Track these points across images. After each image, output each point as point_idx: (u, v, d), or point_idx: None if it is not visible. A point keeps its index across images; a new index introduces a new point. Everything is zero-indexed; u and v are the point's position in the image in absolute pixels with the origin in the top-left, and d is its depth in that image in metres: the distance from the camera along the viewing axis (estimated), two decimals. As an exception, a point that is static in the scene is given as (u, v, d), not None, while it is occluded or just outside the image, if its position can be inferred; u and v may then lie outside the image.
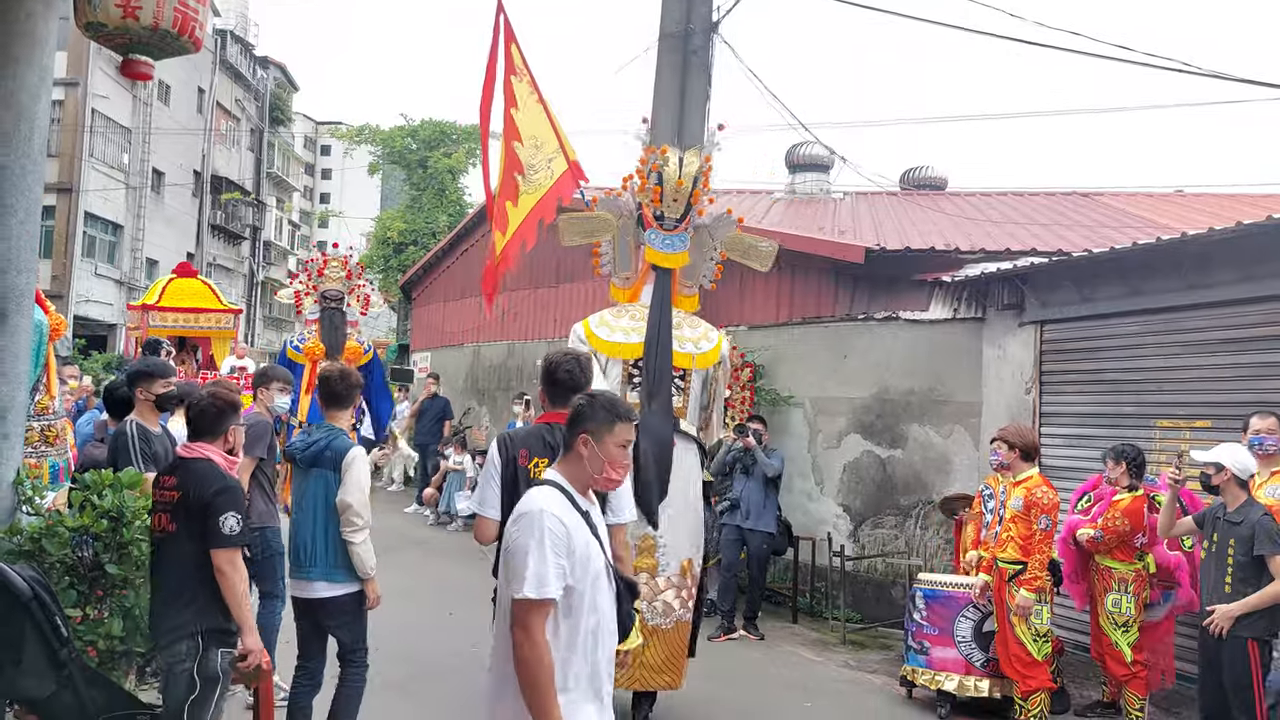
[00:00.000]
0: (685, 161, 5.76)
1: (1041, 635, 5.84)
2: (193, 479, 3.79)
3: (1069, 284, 7.78)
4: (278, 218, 48.05)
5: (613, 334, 5.66)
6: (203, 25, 3.61)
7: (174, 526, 3.77)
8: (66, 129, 27.38)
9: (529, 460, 3.70)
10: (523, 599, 2.65)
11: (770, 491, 8.45)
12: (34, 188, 4.65)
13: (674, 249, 5.73)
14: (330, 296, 10.53)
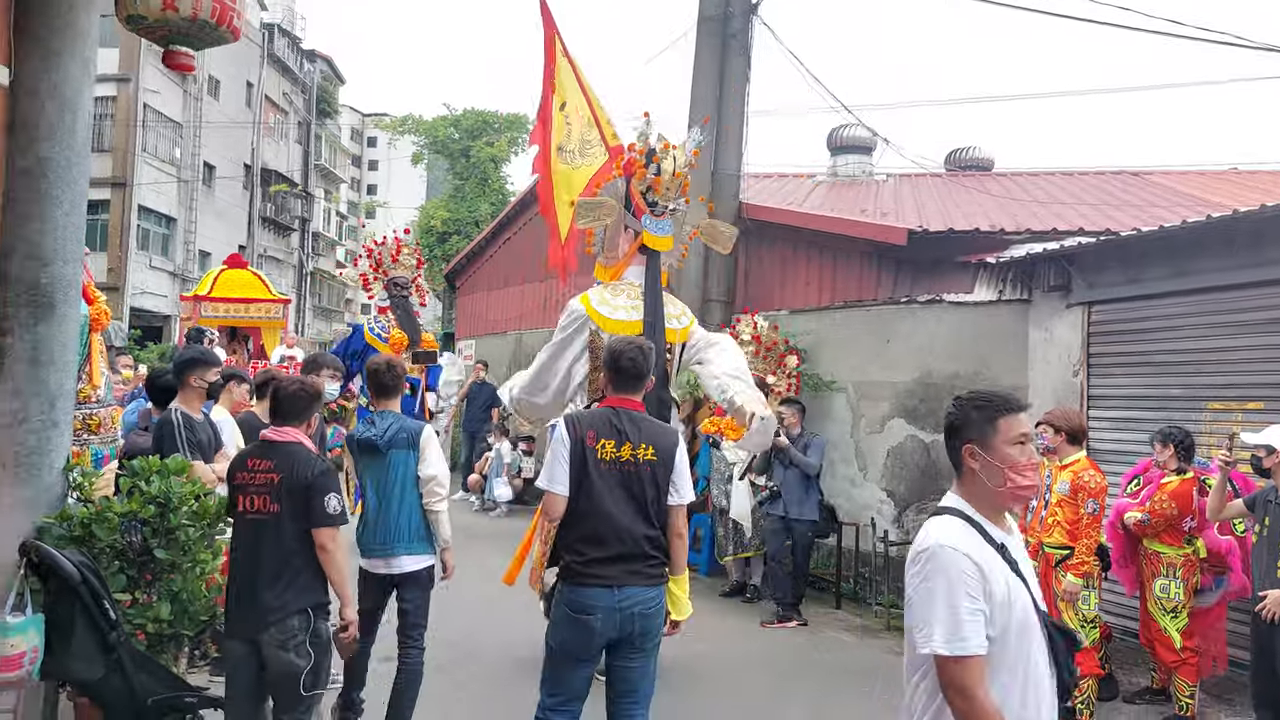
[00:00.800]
0: (678, 156, 6.14)
1: (1089, 621, 5.75)
2: (292, 461, 3.95)
3: (1117, 264, 7.62)
4: (325, 209, 48.64)
5: (615, 312, 6.04)
6: (240, 14, 3.64)
7: (277, 507, 3.90)
8: (119, 124, 27.94)
9: (596, 441, 3.78)
10: (943, 657, 2.29)
11: (811, 479, 8.38)
12: (79, 180, 4.74)
13: (664, 232, 6.17)
14: (399, 284, 10.28)
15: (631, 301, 6.07)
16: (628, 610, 3.66)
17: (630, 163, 6.17)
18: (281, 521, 3.91)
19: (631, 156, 6.17)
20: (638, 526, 3.72)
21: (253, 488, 3.96)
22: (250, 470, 3.99)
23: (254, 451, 4.09)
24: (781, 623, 8.09)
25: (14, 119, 4.50)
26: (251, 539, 3.97)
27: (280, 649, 3.85)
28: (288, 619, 3.86)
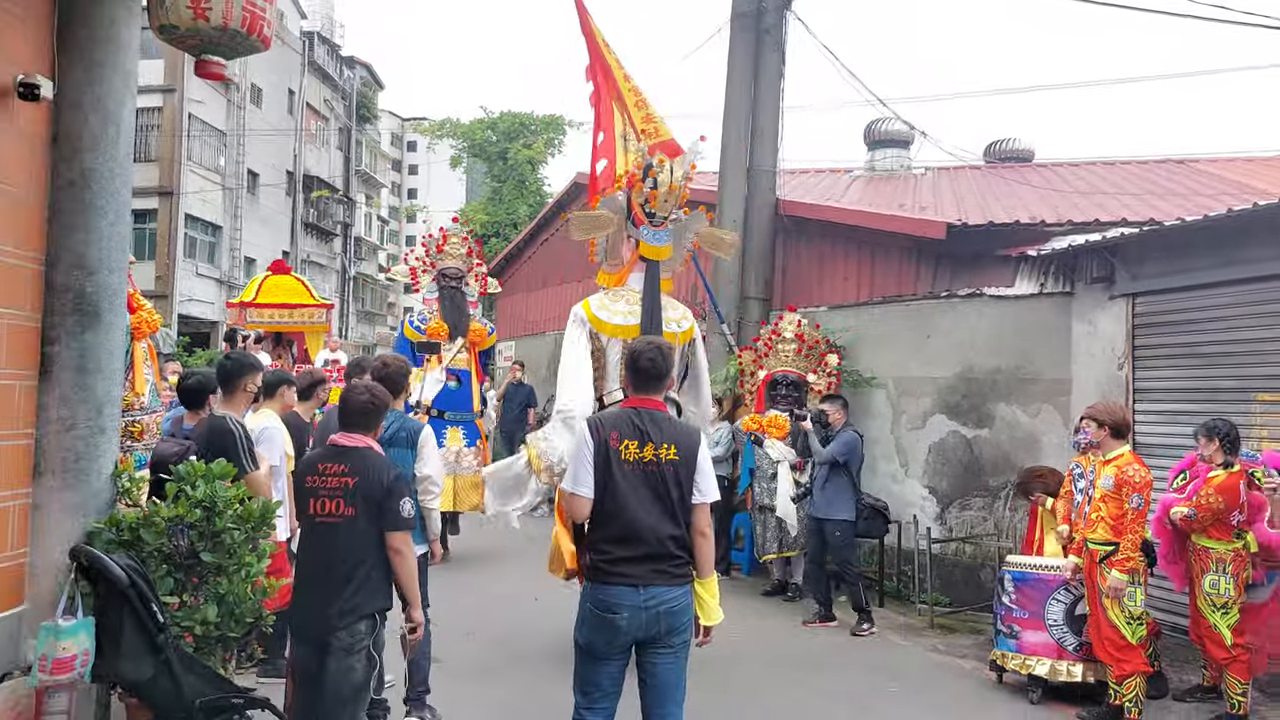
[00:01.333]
0: (675, 169, 6.42)
1: (1135, 618, 5.65)
2: (367, 466, 4.01)
3: (1162, 254, 7.49)
4: (367, 214, 49.15)
5: (613, 317, 6.37)
6: (270, 23, 3.69)
7: (352, 510, 3.94)
8: (165, 134, 28.44)
9: (619, 442, 3.80)
10: None
11: (840, 477, 8.02)
12: (122, 190, 4.84)
13: (662, 242, 6.48)
14: (449, 275, 10.07)
15: (630, 307, 6.38)
16: (653, 609, 3.68)
17: (630, 177, 6.49)
18: (355, 525, 3.95)
19: (631, 171, 6.48)
20: (663, 526, 3.73)
21: (324, 491, 3.99)
22: (321, 474, 4.02)
23: (325, 456, 4.12)
24: (823, 622, 8.04)
25: (58, 131, 4.60)
26: (322, 542, 4.01)
27: (346, 653, 3.90)
28: (357, 623, 3.91)
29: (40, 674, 3.82)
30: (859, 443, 8.17)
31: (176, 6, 3.40)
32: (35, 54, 4.46)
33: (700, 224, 6.83)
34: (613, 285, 6.61)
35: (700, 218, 6.83)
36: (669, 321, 6.42)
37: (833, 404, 8.43)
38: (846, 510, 8.01)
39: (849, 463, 8.03)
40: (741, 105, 10.91)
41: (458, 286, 10.06)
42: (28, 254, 4.46)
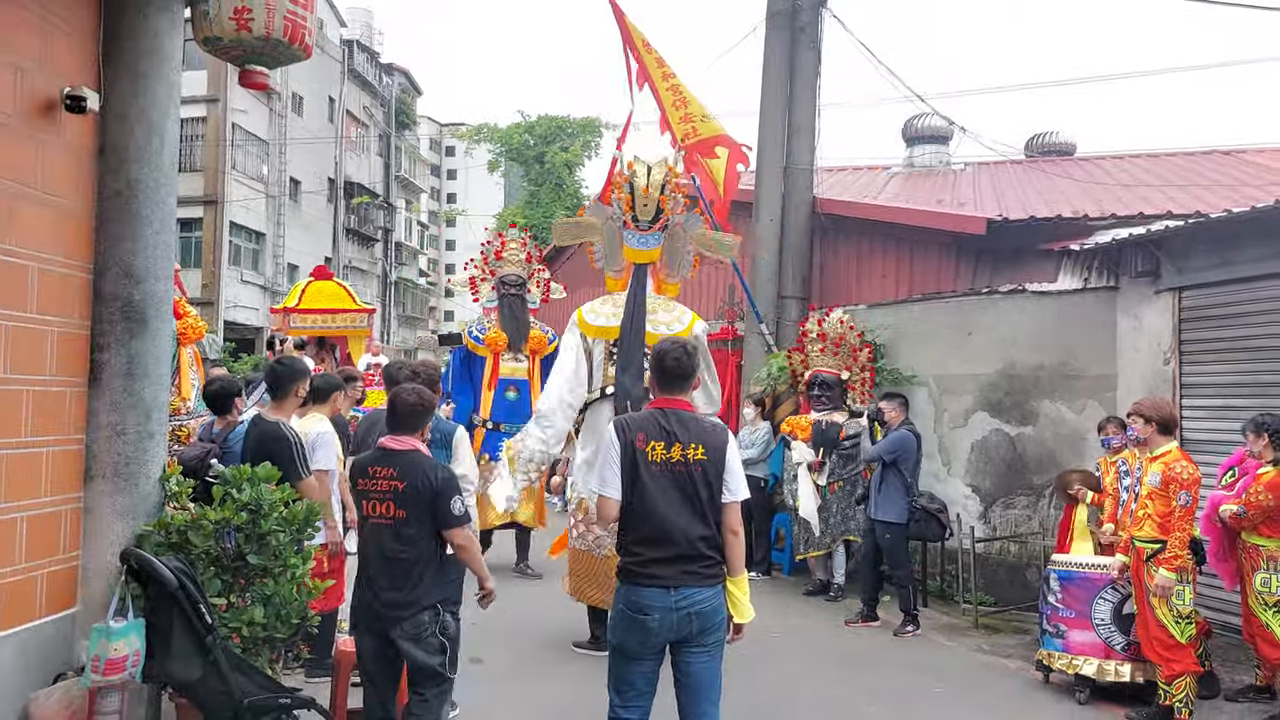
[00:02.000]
0: (652, 172, 6.67)
1: (1184, 617, 5.55)
2: (415, 469, 4.10)
3: (1208, 247, 7.35)
4: (407, 219, 49.60)
5: (598, 319, 6.71)
6: (311, 32, 3.75)
7: (403, 513, 4.05)
8: (209, 144, 28.92)
9: (646, 443, 3.79)
10: None
11: (892, 477, 7.88)
12: (167, 199, 4.93)
13: (647, 246, 6.70)
14: (509, 282, 9.71)
15: (616, 309, 6.65)
16: (685, 610, 3.67)
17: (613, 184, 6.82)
18: (406, 525, 4.06)
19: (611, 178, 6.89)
20: (693, 527, 3.72)
21: (375, 494, 4.10)
22: (372, 477, 4.12)
23: (375, 459, 4.20)
24: (865, 622, 7.98)
25: (104, 143, 4.70)
26: (377, 540, 4.13)
27: (413, 642, 4.03)
28: (419, 614, 4.04)
29: (93, 674, 3.90)
30: (911, 442, 7.90)
31: (220, 19, 3.46)
32: (81, 67, 4.57)
33: (697, 227, 6.98)
34: (618, 289, 6.86)
35: (696, 221, 6.98)
36: (657, 324, 6.58)
37: (890, 402, 8.15)
38: (896, 512, 7.84)
39: (899, 462, 7.83)
40: (777, 104, 10.88)
41: (518, 294, 9.75)
42: (76, 264, 4.56)
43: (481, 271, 9.89)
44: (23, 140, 4.22)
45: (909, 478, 7.87)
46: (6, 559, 4.12)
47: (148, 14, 4.78)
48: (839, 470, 9.00)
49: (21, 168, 4.21)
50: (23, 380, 4.22)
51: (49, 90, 4.35)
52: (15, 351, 4.16)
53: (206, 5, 3.49)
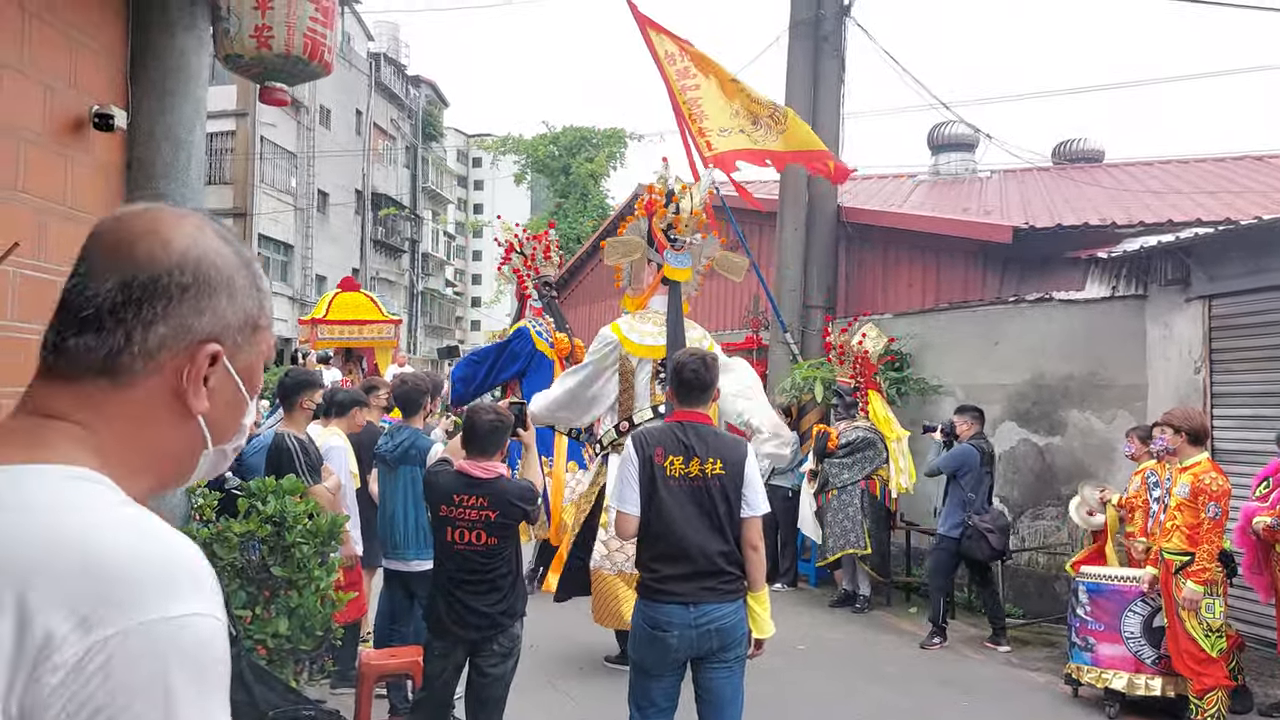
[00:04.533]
0: (695, 196, 6.73)
1: (1214, 630, 5.47)
2: (506, 499, 4.13)
3: (1239, 255, 7.26)
4: (434, 230, 49.91)
5: (642, 338, 6.60)
6: (331, 49, 3.79)
7: (495, 540, 4.11)
8: (238, 157, 29.24)
9: (664, 458, 3.77)
10: None
11: (955, 491, 7.76)
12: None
13: (684, 265, 6.74)
14: (549, 283, 9.48)
15: (656, 328, 6.62)
16: (704, 627, 3.65)
17: (651, 203, 6.70)
18: (499, 550, 4.13)
19: (652, 198, 6.71)
20: (711, 543, 3.69)
21: (463, 523, 4.12)
22: (458, 505, 4.12)
23: (459, 486, 4.17)
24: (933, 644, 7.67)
25: (132, 159, 4.76)
26: (466, 562, 4.16)
27: (505, 657, 4.15)
28: (512, 625, 4.16)
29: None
30: (974, 456, 7.66)
31: (241, 37, 3.51)
32: (109, 85, 4.63)
33: (714, 249, 7.04)
34: (636, 309, 6.87)
35: (714, 242, 7.05)
36: (690, 341, 6.51)
37: (962, 416, 7.94)
38: (949, 525, 7.75)
39: (959, 476, 7.70)
40: (801, 112, 10.84)
41: (555, 297, 9.56)
42: (105, 279, 4.62)
43: (528, 267, 9.48)
44: (52, 158, 4.28)
45: (969, 492, 7.67)
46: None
47: (174, 32, 4.85)
48: (833, 479, 8.92)
49: (51, 185, 4.27)
50: (52, 394, 4.28)
51: (78, 108, 4.41)
52: (44, 366, 4.22)
53: (228, 24, 3.54)
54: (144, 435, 1.02)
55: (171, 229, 1.01)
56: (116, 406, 0.99)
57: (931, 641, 7.65)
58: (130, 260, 0.99)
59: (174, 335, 1.00)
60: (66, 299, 1.00)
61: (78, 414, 0.98)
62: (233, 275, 1.04)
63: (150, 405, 1.01)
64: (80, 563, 0.85)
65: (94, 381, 0.99)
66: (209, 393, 1.03)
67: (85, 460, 0.96)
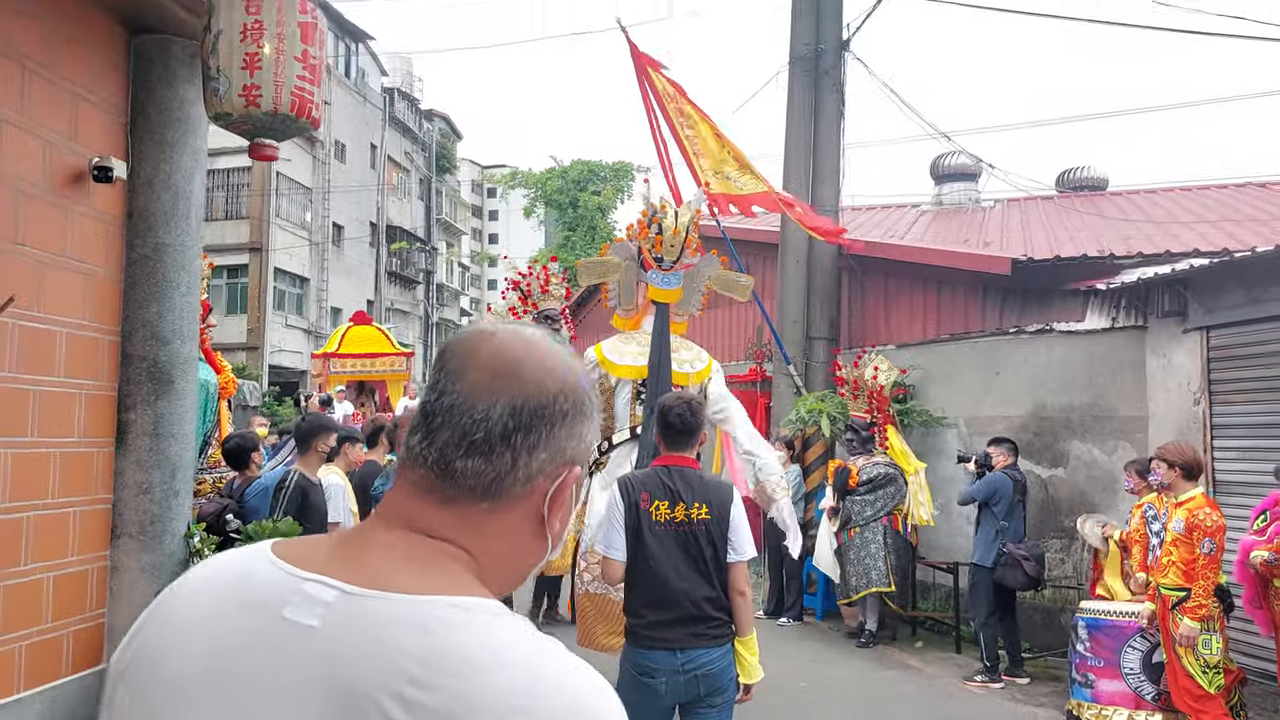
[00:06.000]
0: (680, 214, 6.67)
1: (1212, 666, 5.44)
2: None
3: (1236, 286, 7.26)
4: (448, 261, 50.23)
5: (622, 358, 6.53)
6: (319, 106, 3.89)
7: None
8: (254, 194, 29.58)
9: (650, 503, 3.78)
10: None
11: (986, 520, 7.72)
12: (192, 262, 5.10)
13: (670, 285, 6.65)
14: (550, 316, 9.15)
15: (640, 349, 6.53)
16: (691, 672, 3.65)
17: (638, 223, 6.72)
18: None
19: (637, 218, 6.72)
20: (697, 588, 3.70)
21: None
22: None
23: None
24: (984, 683, 7.53)
25: (132, 208, 4.88)
26: None
27: None
28: None
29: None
30: (1006, 485, 7.63)
31: (230, 95, 3.61)
32: (109, 137, 4.76)
33: (713, 268, 7.00)
34: (628, 329, 6.83)
35: (714, 262, 7.01)
36: (681, 363, 6.52)
37: (998, 446, 7.91)
38: (981, 554, 7.71)
39: (992, 505, 7.67)
40: (801, 146, 10.95)
41: (558, 330, 9.12)
42: (105, 327, 4.73)
43: (524, 304, 9.43)
44: (51, 210, 4.39)
45: (1002, 520, 7.63)
46: (34, 619, 4.24)
47: (174, 84, 4.99)
48: (855, 516, 8.91)
49: (51, 237, 4.38)
50: (51, 443, 4.36)
51: (77, 161, 4.53)
52: (44, 415, 4.30)
53: (217, 83, 3.64)
54: (511, 553, 1.06)
55: (553, 355, 1.05)
56: (494, 528, 1.03)
57: (974, 678, 7.55)
58: (519, 384, 1.01)
59: (551, 459, 1.03)
60: (437, 413, 1.01)
61: (464, 539, 1.01)
62: (595, 402, 1.09)
63: (519, 525, 1.05)
64: (569, 707, 0.92)
65: (476, 504, 1.01)
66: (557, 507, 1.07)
67: (479, 589, 0.99)
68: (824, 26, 10.84)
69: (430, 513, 1.01)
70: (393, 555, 0.98)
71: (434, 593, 0.94)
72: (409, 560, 0.98)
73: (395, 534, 1.01)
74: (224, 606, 0.97)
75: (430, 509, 1.01)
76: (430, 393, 1.04)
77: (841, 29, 10.92)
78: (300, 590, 0.95)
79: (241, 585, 0.98)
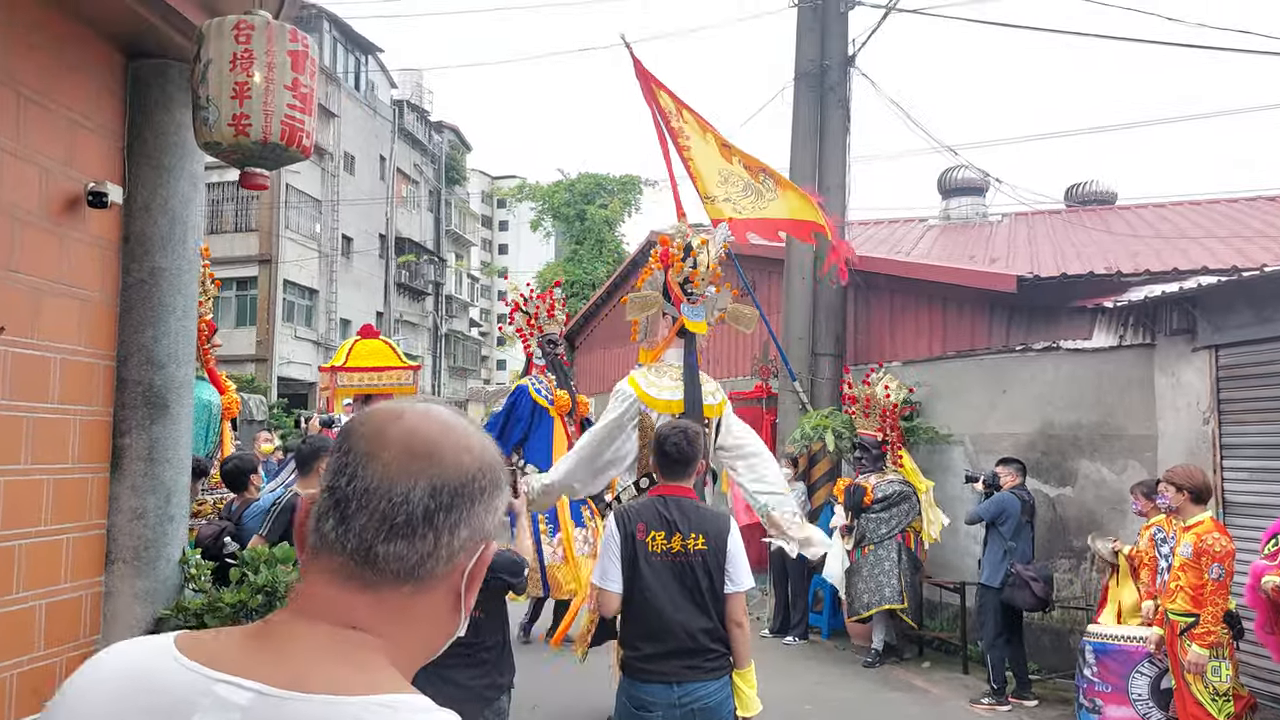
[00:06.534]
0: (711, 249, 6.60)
1: (1221, 694, 5.36)
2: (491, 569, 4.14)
3: (1245, 304, 7.18)
4: (457, 272, 50.33)
5: (660, 393, 6.35)
6: (309, 134, 3.86)
7: (479, 612, 4.06)
8: (264, 206, 29.69)
9: (646, 533, 3.74)
10: None
11: (994, 540, 7.70)
12: (189, 286, 5.07)
13: (700, 318, 6.60)
14: (552, 340, 9.36)
15: (673, 382, 6.41)
16: (688, 706, 3.60)
17: (666, 254, 6.61)
18: (485, 621, 4.10)
19: (669, 250, 6.60)
20: (694, 620, 3.65)
21: None
22: None
23: None
24: (991, 705, 7.47)
25: (129, 233, 4.85)
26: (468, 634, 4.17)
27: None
28: (498, 699, 4.12)
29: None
30: (1014, 504, 7.64)
31: (219, 125, 3.57)
32: (105, 161, 4.74)
33: (726, 301, 6.93)
34: (650, 362, 6.68)
35: (727, 295, 6.96)
36: (707, 394, 6.41)
37: (1006, 466, 7.94)
38: (989, 575, 7.68)
39: (999, 524, 7.64)
40: (807, 162, 10.91)
41: (559, 354, 9.39)
42: (100, 352, 4.70)
43: (530, 328, 9.49)
44: (46, 237, 4.37)
45: (1010, 540, 7.61)
46: (27, 647, 4.20)
47: (170, 108, 4.97)
48: (870, 534, 8.85)
49: (45, 264, 4.36)
50: (44, 470, 4.33)
51: (73, 187, 4.50)
52: (37, 442, 4.27)
53: (207, 112, 3.61)
54: (430, 634, 1.05)
55: (469, 434, 1.04)
56: (417, 611, 1.01)
57: (981, 700, 7.50)
58: (438, 465, 1.00)
59: (471, 536, 1.03)
60: (350, 498, 0.99)
61: (385, 626, 0.99)
62: (507, 475, 1.08)
63: (440, 605, 1.03)
64: None
65: (398, 588, 0.99)
66: None
67: (402, 684, 0.97)
68: (829, 43, 10.82)
69: (351, 601, 0.98)
70: (311, 650, 0.95)
71: (358, 692, 0.91)
72: (329, 656, 0.95)
73: (314, 626, 0.98)
74: (123, 713, 0.93)
75: (351, 597, 0.98)
76: (338, 476, 1.01)
77: (847, 45, 10.89)
78: (211, 692, 0.92)
79: (143, 690, 0.94)
